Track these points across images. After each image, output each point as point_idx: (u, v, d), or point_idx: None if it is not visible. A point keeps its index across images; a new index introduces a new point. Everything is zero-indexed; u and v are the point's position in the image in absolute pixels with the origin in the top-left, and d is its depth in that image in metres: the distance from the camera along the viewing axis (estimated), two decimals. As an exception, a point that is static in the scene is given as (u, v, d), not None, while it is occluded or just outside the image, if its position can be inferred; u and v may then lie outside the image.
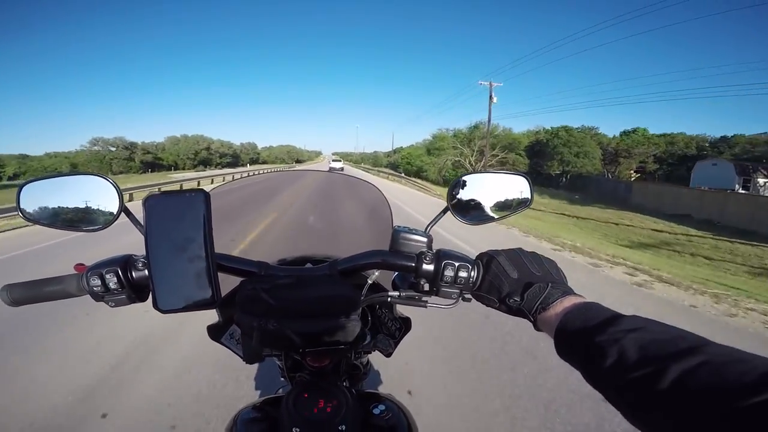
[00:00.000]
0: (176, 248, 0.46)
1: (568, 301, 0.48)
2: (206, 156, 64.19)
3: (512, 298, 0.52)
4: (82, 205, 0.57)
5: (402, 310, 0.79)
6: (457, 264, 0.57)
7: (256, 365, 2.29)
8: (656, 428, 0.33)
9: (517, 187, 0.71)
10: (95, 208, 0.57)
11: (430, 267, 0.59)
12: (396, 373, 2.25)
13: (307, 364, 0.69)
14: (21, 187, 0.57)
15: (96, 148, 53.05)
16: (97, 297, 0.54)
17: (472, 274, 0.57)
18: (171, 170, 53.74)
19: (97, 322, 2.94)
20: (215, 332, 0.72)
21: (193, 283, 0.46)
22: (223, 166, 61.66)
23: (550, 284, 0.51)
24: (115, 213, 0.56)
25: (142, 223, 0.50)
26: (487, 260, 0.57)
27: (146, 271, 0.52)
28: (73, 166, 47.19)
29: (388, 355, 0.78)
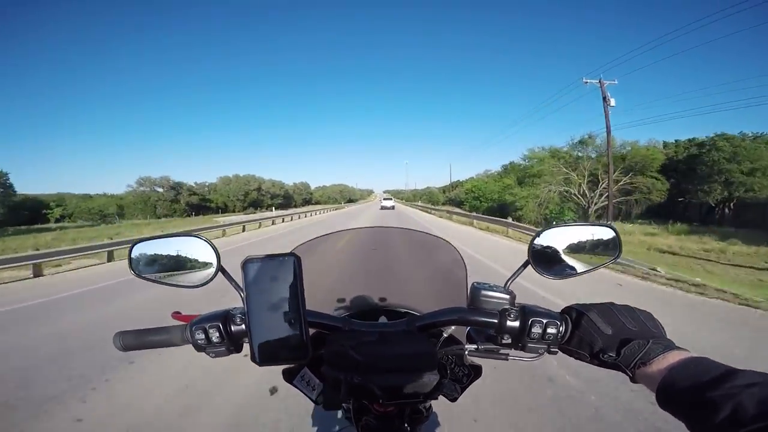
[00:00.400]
0: (272, 307, 0.50)
1: (672, 357, 0.46)
2: (257, 197, 61.75)
3: (606, 354, 0.51)
4: (184, 264, 0.62)
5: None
6: (545, 321, 0.56)
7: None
8: None
9: (603, 239, 0.68)
10: (195, 267, 0.62)
11: (515, 324, 0.58)
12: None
13: (374, 409, 0.71)
14: (132, 245, 0.64)
15: (142, 188, 49.56)
16: (199, 348, 0.58)
17: (560, 329, 0.56)
18: (219, 212, 51.82)
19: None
20: (289, 375, 0.75)
21: (287, 339, 0.50)
22: (275, 208, 57.54)
23: (650, 341, 0.49)
24: (213, 273, 0.61)
25: (239, 283, 0.54)
26: (576, 316, 0.57)
27: (243, 326, 0.57)
28: (119, 207, 45.10)
29: (453, 400, 0.77)
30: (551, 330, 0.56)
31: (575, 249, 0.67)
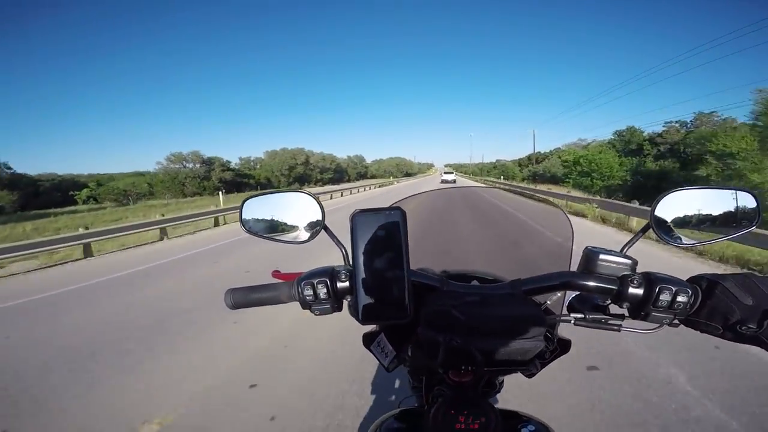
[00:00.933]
0: (377, 263, 0.49)
1: None
2: (304, 171, 55.80)
3: (745, 326, 0.48)
4: (290, 220, 0.65)
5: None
6: (674, 288, 0.52)
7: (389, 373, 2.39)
8: None
9: (738, 204, 0.60)
10: (301, 222, 0.64)
11: (639, 291, 0.54)
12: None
13: (449, 379, 0.69)
14: (243, 201, 0.68)
15: (173, 165, 43.39)
16: (306, 305, 0.59)
17: (691, 299, 0.52)
18: (258, 189, 44.13)
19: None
20: (368, 340, 0.75)
21: (390, 297, 0.49)
22: (325, 183, 53.22)
23: None
24: (318, 229, 0.62)
25: (340, 240, 0.54)
26: (707, 285, 0.52)
27: (347, 283, 0.56)
28: (150, 186, 40.97)
29: (530, 376, 0.73)
30: (681, 298, 0.51)
31: (705, 215, 0.59)
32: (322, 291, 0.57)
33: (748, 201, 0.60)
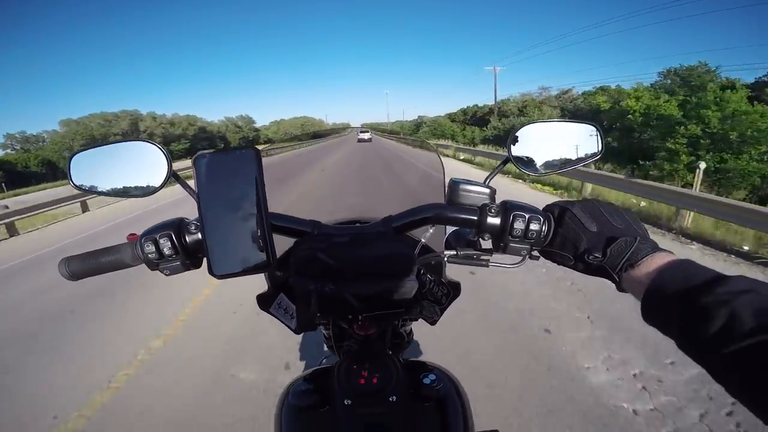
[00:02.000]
0: (229, 208, 0.44)
1: (660, 258, 0.42)
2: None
3: (592, 255, 0.47)
4: (132, 172, 0.56)
5: (451, 274, 0.75)
6: (527, 216, 0.52)
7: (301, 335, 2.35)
8: None
9: (585, 137, 0.65)
10: (146, 174, 0.55)
11: (496, 220, 0.54)
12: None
13: (354, 333, 0.68)
14: (70, 158, 0.57)
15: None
16: (152, 265, 0.52)
17: (543, 227, 0.52)
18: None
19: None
20: (265, 302, 0.71)
21: (247, 245, 0.44)
22: (180, 157, 35.63)
23: (637, 239, 0.45)
24: (164, 178, 0.54)
25: (192, 186, 0.48)
26: (559, 212, 0.52)
27: (199, 234, 0.50)
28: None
29: (433, 322, 0.76)
30: (534, 226, 0.52)
31: (557, 146, 0.64)
32: (167, 246, 0.50)
33: (593, 133, 0.65)
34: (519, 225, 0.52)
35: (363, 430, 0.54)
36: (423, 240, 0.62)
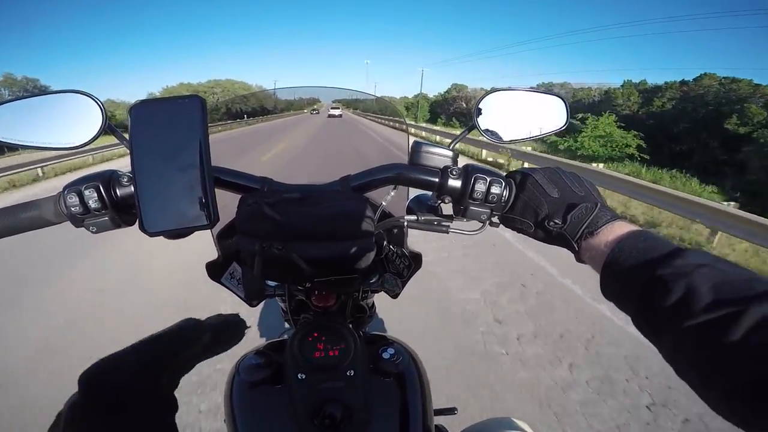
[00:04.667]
0: (166, 159, 0.40)
1: (620, 228, 0.41)
2: None
3: (552, 221, 0.46)
4: (64, 124, 0.51)
5: (412, 245, 0.73)
6: (488, 179, 0.51)
7: (260, 307, 2.28)
8: (724, 380, 0.28)
9: (552, 108, 0.65)
10: (79, 126, 0.50)
11: (457, 183, 0.53)
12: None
13: (312, 305, 0.65)
14: None
15: None
16: (76, 220, 0.47)
17: (505, 192, 0.51)
18: None
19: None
20: (214, 271, 0.66)
21: (185, 200, 0.39)
22: None
23: (598, 205, 0.44)
24: (98, 130, 0.50)
25: (127, 138, 0.43)
26: (521, 178, 0.51)
27: (132, 188, 0.46)
28: None
29: (395, 296, 0.73)
30: (495, 189, 0.50)
31: (522, 115, 0.63)
32: (92, 198, 0.45)
33: (559, 105, 0.65)
34: (480, 187, 0.51)
35: (318, 405, 0.51)
36: (384, 203, 0.59)
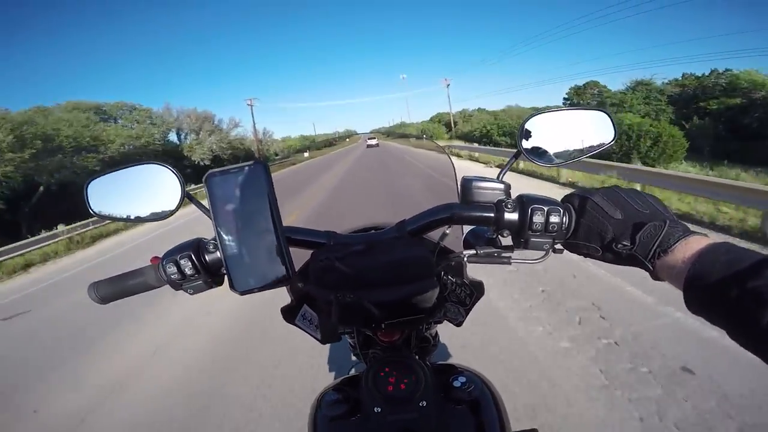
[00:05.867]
0: (244, 225, 0.45)
1: (696, 242, 0.39)
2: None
3: (620, 243, 0.44)
4: (146, 196, 0.57)
5: (473, 274, 0.74)
6: (546, 208, 0.50)
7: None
8: None
9: (597, 124, 0.63)
10: (159, 196, 0.57)
11: (514, 216, 0.52)
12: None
13: (379, 340, 0.69)
14: (87, 184, 0.58)
15: None
16: (176, 285, 0.53)
17: (564, 219, 0.50)
18: None
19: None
20: (289, 314, 0.71)
21: (265, 260, 0.45)
22: None
23: (667, 222, 0.42)
24: (178, 201, 0.56)
25: (206, 206, 0.49)
26: (579, 202, 0.49)
27: (218, 253, 0.51)
28: None
29: (459, 324, 0.74)
30: (554, 219, 0.49)
31: (568, 135, 0.62)
32: (187, 266, 0.52)
33: (604, 120, 0.63)
34: (538, 219, 0.50)
35: None
36: (441, 242, 0.61)
